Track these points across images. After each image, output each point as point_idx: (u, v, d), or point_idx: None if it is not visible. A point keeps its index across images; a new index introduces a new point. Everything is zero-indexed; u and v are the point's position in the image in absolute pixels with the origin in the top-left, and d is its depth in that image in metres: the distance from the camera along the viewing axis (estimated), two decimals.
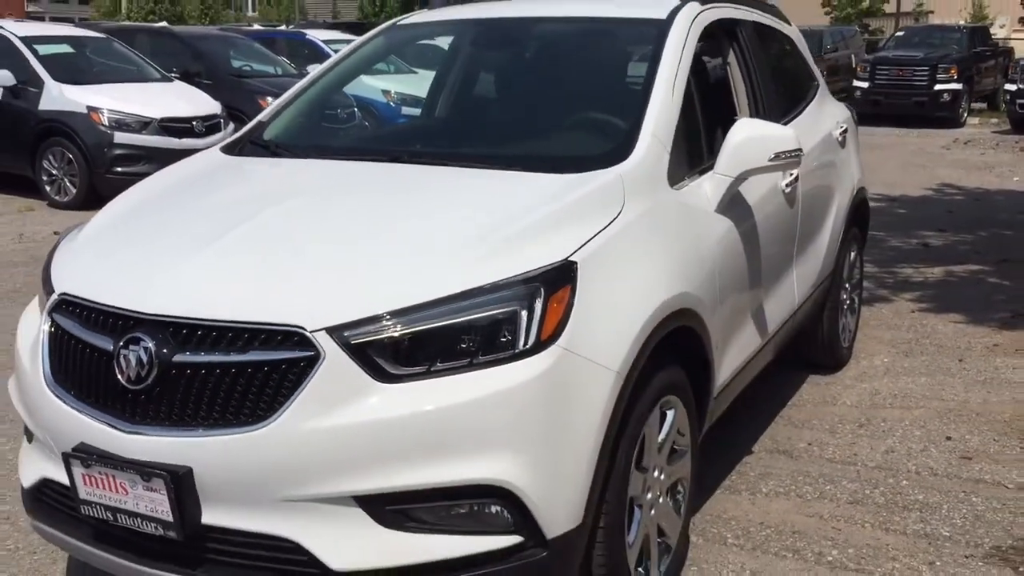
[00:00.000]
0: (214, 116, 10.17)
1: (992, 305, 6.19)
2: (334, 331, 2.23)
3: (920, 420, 4.35)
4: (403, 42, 4.60)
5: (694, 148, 3.28)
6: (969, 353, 5.26)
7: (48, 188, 9.77)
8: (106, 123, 9.45)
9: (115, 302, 2.41)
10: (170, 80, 10.84)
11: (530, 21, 3.94)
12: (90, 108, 9.46)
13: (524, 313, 2.31)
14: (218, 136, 10.10)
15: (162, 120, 9.64)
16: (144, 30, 13.68)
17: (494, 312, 2.29)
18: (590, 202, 2.69)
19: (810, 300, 4.32)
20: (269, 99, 11.36)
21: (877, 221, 5.91)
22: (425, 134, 3.99)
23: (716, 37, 3.77)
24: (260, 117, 3.67)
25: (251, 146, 3.50)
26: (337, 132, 4.55)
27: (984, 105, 21.65)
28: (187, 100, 10.23)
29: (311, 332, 2.22)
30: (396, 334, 2.25)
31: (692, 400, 2.96)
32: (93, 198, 9.60)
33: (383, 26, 4.12)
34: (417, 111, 11.14)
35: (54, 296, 2.59)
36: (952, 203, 10.19)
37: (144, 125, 9.57)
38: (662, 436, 2.79)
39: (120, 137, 9.45)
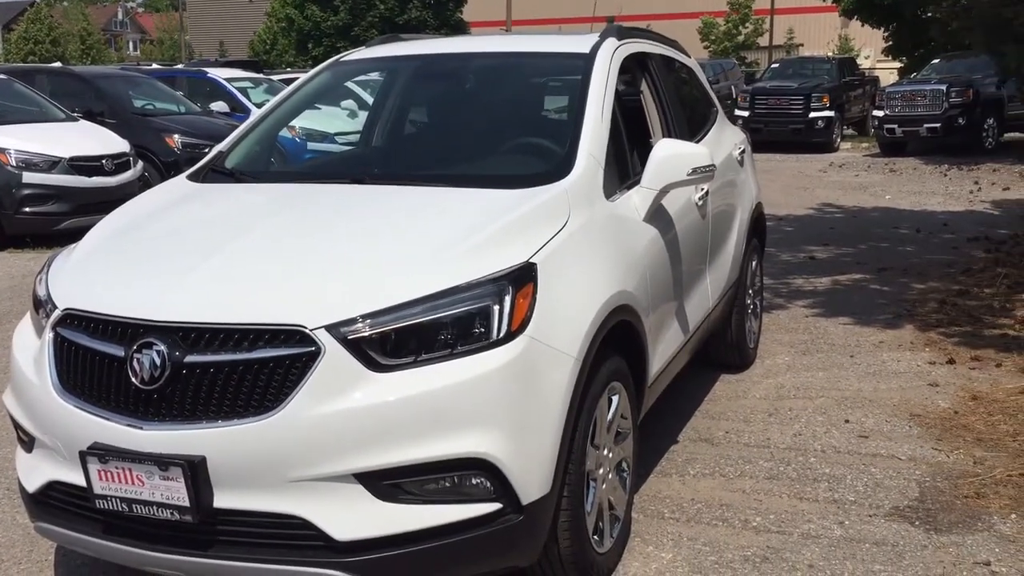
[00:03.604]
0: (123, 154, 10.19)
1: (876, 308, 6.81)
2: (332, 328, 2.53)
3: (821, 408, 4.84)
4: (346, 76, 4.93)
5: (622, 165, 3.70)
6: (859, 350, 5.82)
7: None
8: (14, 164, 9.40)
9: (125, 312, 2.66)
10: (75, 120, 10.80)
11: (467, 56, 4.34)
12: None
13: (496, 308, 2.65)
14: (128, 174, 10.15)
15: (71, 159, 9.64)
16: (43, 71, 13.50)
17: (470, 307, 2.63)
18: (542, 212, 3.07)
19: (721, 304, 4.79)
20: (176, 137, 11.48)
21: (768, 238, 6.45)
22: (381, 158, 4.32)
23: (631, 69, 4.21)
24: (219, 147, 3.93)
25: (214, 174, 3.76)
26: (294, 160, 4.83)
27: (855, 131, 23.07)
28: (95, 139, 10.23)
29: (311, 330, 2.52)
30: (386, 329, 2.56)
31: (632, 387, 3.34)
32: (1, 240, 9.54)
33: (327, 62, 4.45)
34: (324, 146, 11.44)
35: (57, 312, 2.81)
36: (833, 220, 10.97)
37: (53, 165, 9.55)
38: (609, 418, 3.17)
39: (29, 177, 9.41)
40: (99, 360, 2.67)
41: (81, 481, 2.65)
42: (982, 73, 17.39)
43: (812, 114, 19.65)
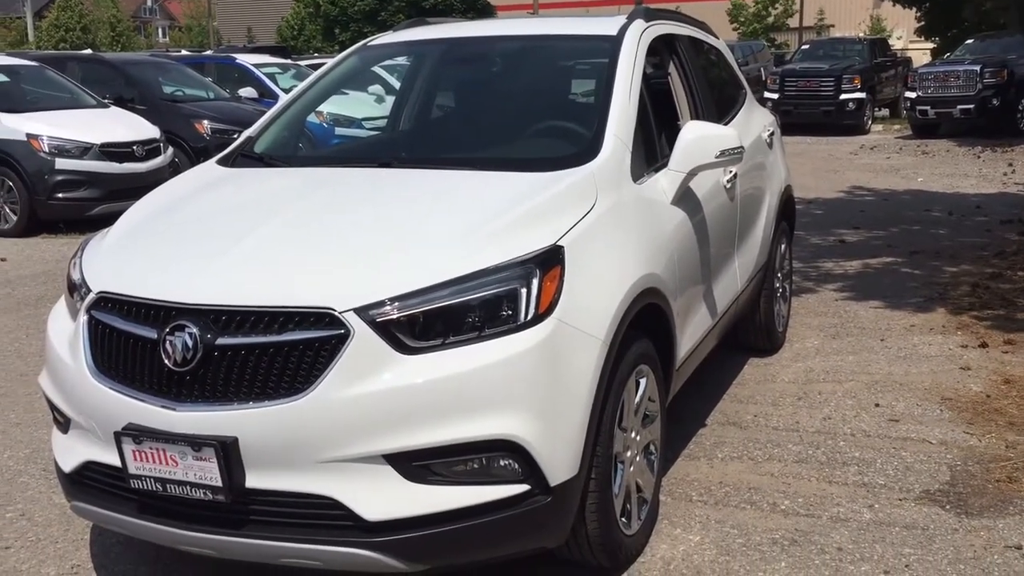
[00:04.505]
0: (154, 140, 10.29)
1: (906, 291, 6.75)
2: (361, 311, 2.54)
3: (851, 391, 4.81)
4: (374, 61, 4.94)
5: (649, 148, 3.69)
6: (889, 333, 5.77)
7: None
8: (46, 150, 9.51)
9: (157, 295, 2.69)
10: (106, 106, 10.91)
11: (493, 40, 4.34)
12: (29, 135, 9.51)
13: (523, 290, 2.65)
14: (159, 160, 10.24)
15: (102, 145, 9.74)
16: (74, 58, 13.60)
17: (498, 290, 2.64)
18: (569, 195, 3.07)
19: (750, 287, 4.76)
20: (205, 123, 11.56)
21: (797, 221, 6.41)
22: (409, 142, 4.34)
23: (659, 51, 4.19)
24: (248, 132, 3.97)
25: (243, 159, 3.79)
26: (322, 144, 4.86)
27: (887, 112, 22.78)
28: (126, 125, 10.33)
29: (341, 313, 2.54)
30: (414, 312, 2.57)
31: (660, 370, 3.34)
32: (34, 224, 9.69)
33: (354, 47, 4.46)
34: (352, 131, 11.47)
35: (92, 295, 2.85)
36: (863, 203, 10.86)
37: (85, 151, 9.65)
38: (637, 400, 3.17)
39: (61, 163, 9.52)
40: (133, 342, 2.70)
41: (116, 461, 2.69)
42: (1017, 53, 17.09)
43: (843, 96, 19.40)
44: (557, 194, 3.06)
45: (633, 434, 3.16)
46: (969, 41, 19.28)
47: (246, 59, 15.57)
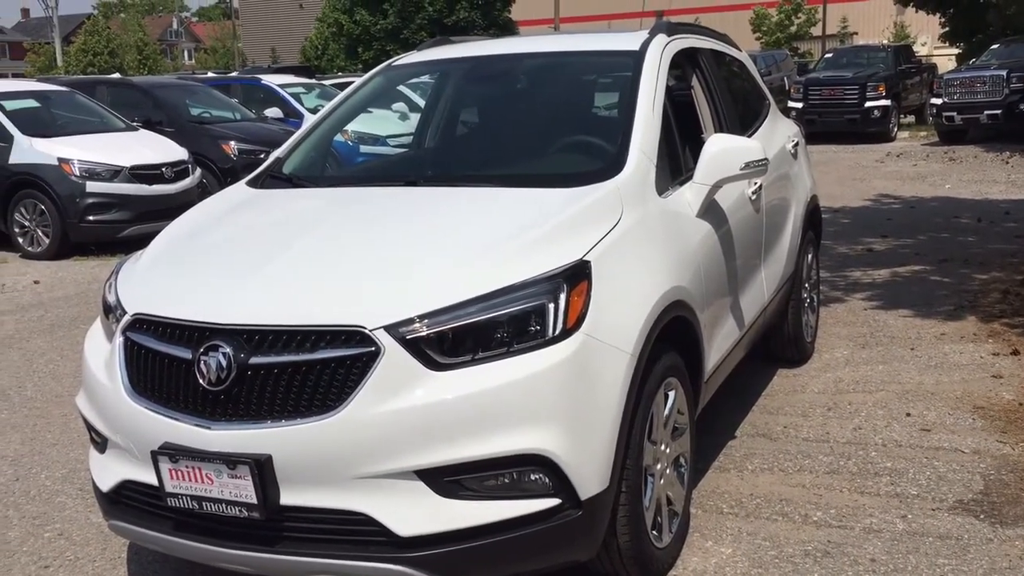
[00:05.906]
0: (182, 162, 10.41)
1: (936, 300, 6.70)
2: (391, 328, 2.58)
3: (882, 401, 4.79)
4: (399, 80, 5.00)
5: (674, 161, 3.71)
6: (920, 342, 5.74)
7: (21, 240, 9.94)
8: (77, 173, 9.65)
9: (192, 316, 2.74)
10: (135, 129, 11.06)
11: (517, 57, 4.38)
12: (61, 159, 9.66)
13: (551, 306, 2.68)
14: (187, 181, 10.37)
15: (132, 168, 9.87)
16: (103, 82, 13.83)
17: (526, 306, 2.66)
18: (595, 210, 3.09)
19: (777, 298, 4.76)
20: (232, 143, 11.68)
21: (824, 231, 6.39)
22: (435, 160, 4.39)
23: (681, 65, 4.21)
24: (276, 154, 4.03)
25: (272, 180, 3.85)
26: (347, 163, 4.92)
27: (912, 119, 22.64)
28: (155, 148, 10.46)
29: (371, 331, 2.57)
30: (444, 328, 2.60)
31: (688, 382, 3.35)
32: (66, 247, 9.83)
33: (380, 67, 4.53)
34: (376, 148, 11.56)
35: (127, 317, 2.91)
36: (891, 211, 10.80)
37: (115, 174, 9.79)
38: (666, 413, 3.17)
39: (92, 186, 9.66)
40: (168, 363, 2.75)
41: (153, 480, 2.74)
42: None
43: (868, 103, 19.33)
44: (583, 209, 3.09)
45: (663, 447, 3.17)
46: (995, 46, 19.13)
47: (271, 80, 15.73)
